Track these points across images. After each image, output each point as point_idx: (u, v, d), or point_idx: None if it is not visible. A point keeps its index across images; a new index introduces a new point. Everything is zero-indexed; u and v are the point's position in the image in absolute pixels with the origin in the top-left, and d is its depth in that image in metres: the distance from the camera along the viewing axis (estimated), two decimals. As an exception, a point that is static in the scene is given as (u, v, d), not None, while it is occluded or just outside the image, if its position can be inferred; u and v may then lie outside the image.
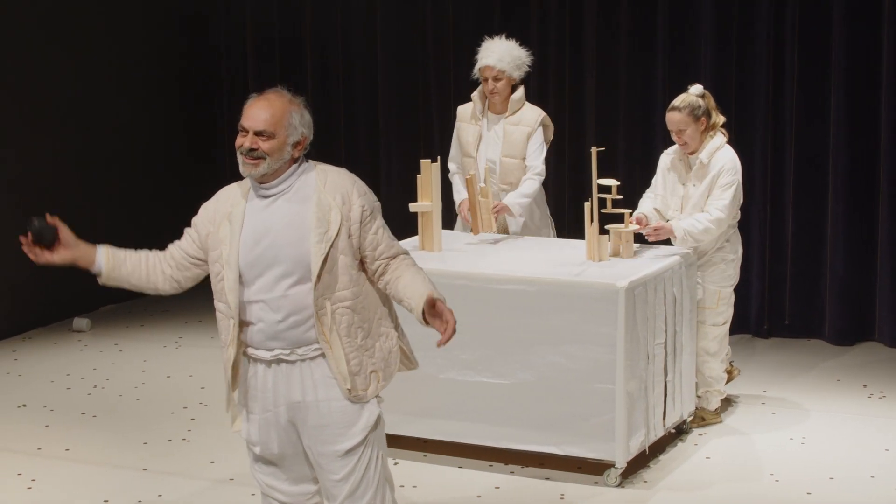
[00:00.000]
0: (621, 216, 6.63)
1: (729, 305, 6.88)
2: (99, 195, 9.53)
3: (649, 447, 6.37)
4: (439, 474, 6.32)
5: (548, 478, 6.28)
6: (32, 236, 4.38)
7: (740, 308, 7.12)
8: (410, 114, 9.66)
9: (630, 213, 6.69)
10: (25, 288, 9.02)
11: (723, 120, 6.74)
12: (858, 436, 6.84)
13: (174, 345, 8.76)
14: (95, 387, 7.86)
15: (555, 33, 9.03)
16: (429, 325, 4.23)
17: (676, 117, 6.64)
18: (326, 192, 4.31)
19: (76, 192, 9.33)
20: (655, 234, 6.59)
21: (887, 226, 8.36)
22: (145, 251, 4.56)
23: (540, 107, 7.32)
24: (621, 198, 6.63)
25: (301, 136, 4.34)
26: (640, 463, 6.37)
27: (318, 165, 4.41)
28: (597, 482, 6.20)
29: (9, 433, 7.06)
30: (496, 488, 6.19)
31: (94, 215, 9.50)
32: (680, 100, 6.67)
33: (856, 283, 8.52)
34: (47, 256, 4.40)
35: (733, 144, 6.80)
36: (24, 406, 7.51)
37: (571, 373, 6.13)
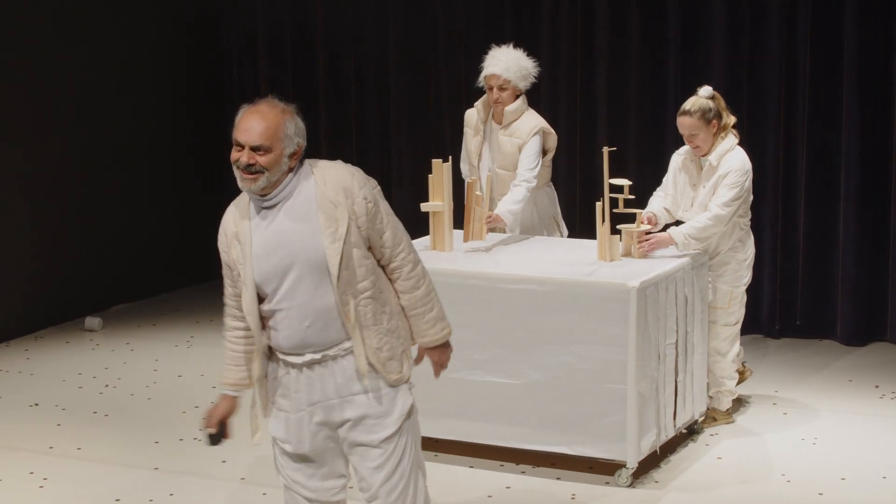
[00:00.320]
0: (633, 216, 6.62)
1: (741, 306, 6.87)
2: (106, 195, 9.54)
3: (660, 447, 6.36)
4: (450, 474, 6.32)
5: (559, 478, 6.28)
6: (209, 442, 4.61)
7: (752, 308, 7.11)
8: (422, 113, 9.66)
9: (641, 213, 6.68)
10: (37, 287, 9.05)
11: (734, 120, 6.72)
12: (870, 436, 6.83)
13: (186, 344, 8.77)
14: (107, 386, 7.87)
15: (566, 31, 9.02)
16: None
17: (688, 122, 6.62)
18: (328, 190, 4.28)
19: (83, 192, 9.36)
20: (651, 246, 6.56)
21: (899, 226, 8.36)
22: (230, 342, 4.53)
23: (551, 107, 7.29)
24: (633, 198, 6.62)
25: (297, 147, 4.28)
26: (651, 463, 6.37)
27: (314, 164, 4.37)
28: (608, 482, 6.20)
29: (21, 432, 7.07)
30: (507, 488, 6.19)
31: (101, 215, 9.53)
32: (691, 103, 6.64)
33: (868, 283, 8.50)
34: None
35: (745, 144, 6.78)
36: (36, 405, 7.52)
37: (582, 373, 6.13)
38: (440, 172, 6.73)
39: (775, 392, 7.57)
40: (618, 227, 6.60)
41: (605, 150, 6.66)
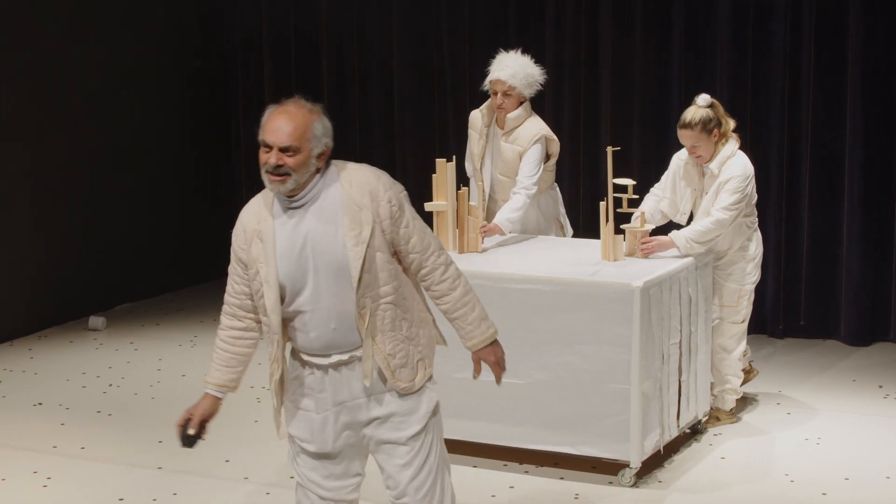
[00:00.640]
0: (633, 215, 6.61)
1: (749, 303, 6.87)
2: (109, 194, 9.54)
3: (664, 447, 6.36)
4: (454, 473, 6.27)
5: (562, 477, 6.28)
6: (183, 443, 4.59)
7: (756, 308, 7.11)
8: (426, 113, 9.66)
9: (642, 213, 6.67)
10: (41, 286, 9.05)
11: (733, 124, 6.70)
12: (874, 436, 6.83)
13: (189, 343, 8.77)
14: (111, 385, 7.88)
15: (570, 31, 9.00)
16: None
17: (689, 134, 6.59)
18: (354, 192, 4.25)
19: (87, 191, 9.36)
20: (652, 249, 6.55)
21: (903, 226, 8.36)
22: (224, 342, 4.46)
23: (555, 107, 7.26)
24: (637, 197, 6.61)
25: (324, 147, 4.26)
26: (654, 463, 6.36)
27: (340, 166, 4.34)
28: (611, 482, 6.20)
29: (24, 431, 7.08)
30: (511, 488, 6.19)
31: (104, 214, 9.53)
32: (691, 115, 6.61)
33: (871, 283, 8.50)
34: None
35: (750, 144, 6.79)
36: (40, 404, 7.53)
37: (586, 373, 6.12)
38: (444, 172, 6.72)
39: (779, 392, 7.56)
40: (621, 226, 6.59)
41: (609, 149, 6.65)
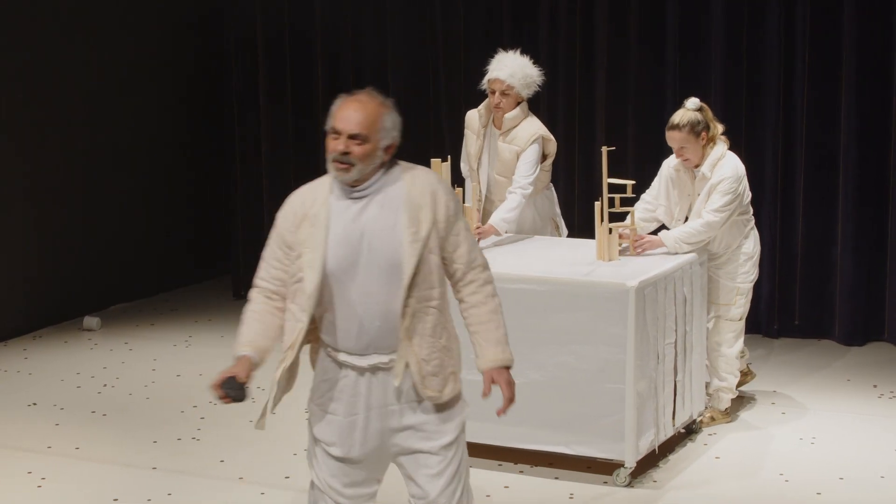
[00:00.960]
0: (628, 215, 6.61)
1: (747, 301, 6.88)
2: (105, 194, 9.53)
3: (659, 447, 6.36)
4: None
5: (557, 477, 6.28)
6: (226, 396, 4.21)
7: (751, 308, 7.10)
8: (421, 113, 9.65)
9: (631, 213, 6.66)
10: (36, 287, 9.04)
11: (722, 128, 6.71)
12: (869, 436, 6.83)
13: (184, 344, 8.77)
14: (105, 385, 7.87)
15: (565, 31, 8.99)
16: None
17: (677, 135, 6.61)
18: (415, 190, 4.23)
19: (82, 191, 9.35)
20: (643, 248, 6.55)
21: (898, 226, 8.37)
22: (258, 313, 4.31)
23: (550, 107, 7.26)
24: (634, 196, 6.61)
25: (392, 140, 4.25)
26: (649, 463, 6.37)
27: (406, 165, 4.32)
28: (606, 482, 6.20)
29: (19, 431, 7.07)
30: (505, 487, 6.19)
31: (99, 214, 9.52)
32: (679, 117, 6.62)
33: (866, 283, 8.51)
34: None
35: (744, 144, 6.79)
36: (35, 404, 7.52)
37: (581, 372, 6.13)
38: (439, 172, 6.72)
39: (774, 391, 7.57)
40: (609, 226, 6.52)
41: (604, 149, 6.65)
